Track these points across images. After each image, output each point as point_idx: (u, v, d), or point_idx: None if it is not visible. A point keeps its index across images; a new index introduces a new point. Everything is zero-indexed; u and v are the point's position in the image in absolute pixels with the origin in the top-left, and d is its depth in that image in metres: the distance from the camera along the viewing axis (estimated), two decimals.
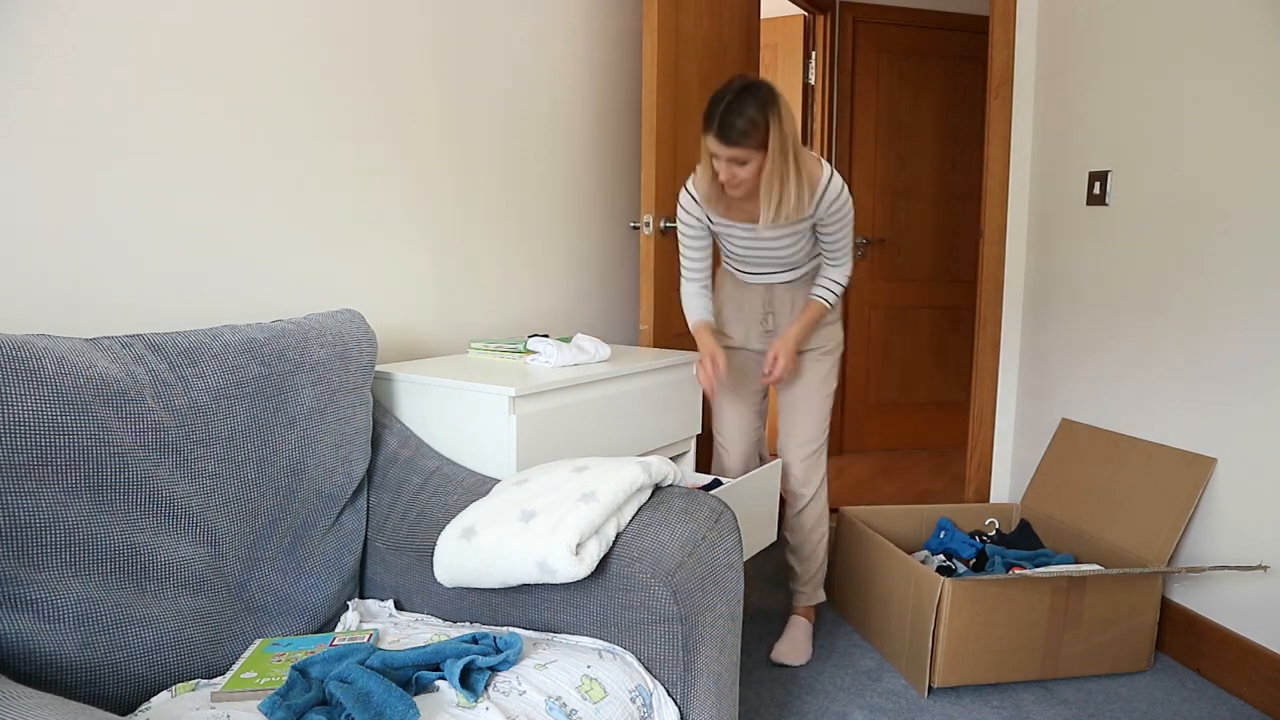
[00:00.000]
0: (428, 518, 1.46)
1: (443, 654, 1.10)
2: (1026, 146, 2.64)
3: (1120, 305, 2.26)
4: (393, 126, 1.94)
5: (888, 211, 4.01)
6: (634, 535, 1.26)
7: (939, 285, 4.14)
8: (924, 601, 1.86)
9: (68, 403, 1.09)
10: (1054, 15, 2.51)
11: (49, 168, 1.35)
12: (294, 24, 1.70)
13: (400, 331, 2.01)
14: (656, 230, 2.46)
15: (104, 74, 1.40)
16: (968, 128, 4.03)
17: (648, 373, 1.95)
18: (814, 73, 3.81)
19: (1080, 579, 1.88)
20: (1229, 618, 1.95)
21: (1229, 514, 1.95)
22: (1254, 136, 1.88)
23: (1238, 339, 1.92)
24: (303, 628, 1.36)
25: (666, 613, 1.20)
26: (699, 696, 1.23)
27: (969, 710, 1.84)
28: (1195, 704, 1.87)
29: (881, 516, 2.39)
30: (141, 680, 1.13)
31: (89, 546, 1.10)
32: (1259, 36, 1.86)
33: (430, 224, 2.06)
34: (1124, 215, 2.25)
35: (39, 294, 1.35)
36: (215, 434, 1.28)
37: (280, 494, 1.36)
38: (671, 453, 2.10)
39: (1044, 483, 2.42)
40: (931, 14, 3.91)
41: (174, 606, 1.18)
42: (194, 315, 1.57)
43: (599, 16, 2.56)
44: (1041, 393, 2.59)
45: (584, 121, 2.55)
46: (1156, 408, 2.15)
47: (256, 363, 1.36)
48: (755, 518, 1.91)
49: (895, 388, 4.17)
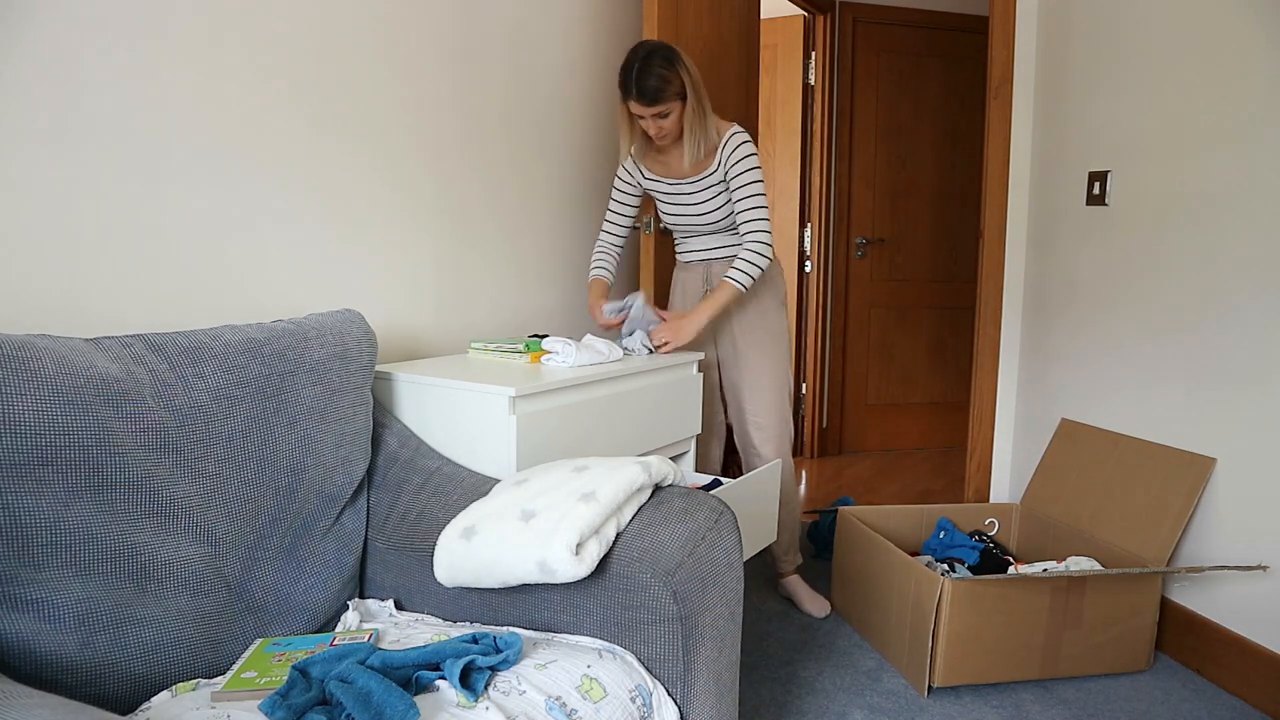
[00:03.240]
0: (428, 518, 1.46)
1: (443, 654, 1.10)
2: (1026, 146, 2.64)
3: (1120, 305, 2.27)
4: (394, 127, 1.94)
5: (888, 211, 4.01)
6: (634, 535, 1.26)
7: (939, 285, 4.14)
8: (924, 601, 1.86)
9: (68, 403, 1.09)
10: (1054, 15, 2.51)
11: (49, 168, 1.35)
12: (295, 24, 1.70)
13: (400, 331, 2.01)
14: (656, 230, 2.46)
15: (104, 73, 1.40)
16: (967, 128, 4.03)
17: (648, 373, 1.95)
18: (814, 73, 3.81)
19: (1080, 579, 1.88)
20: (1229, 618, 1.95)
21: (1229, 514, 1.95)
22: (1254, 137, 1.88)
23: (1238, 339, 1.92)
24: (303, 627, 1.36)
25: (666, 613, 1.20)
26: (699, 696, 1.24)
27: (969, 710, 1.84)
28: (1195, 704, 1.87)
29: (881, 516, 2.39)
30: (142, 680, 1.13)
31: (89, 546, 1.10)
32: (1259, 36, 1.86)
33: (430, 224, 2.06)
34: (1124, 215, 2.25)
35: (39, 294, 1.35)
36: (215, 434, 1.28)
37: (280, 494, 1.36)
38: (671, 453, 2.10)
39: (1044, 483, 2.42)
40: (931, 14, 3.91)
41: (174, 606, 1.18)
42: (194, 315, 1.57)
43: (600, 17, 2.56)
44: (1041, 393, 2.59)
45: (584, 121, 2.55)
46: (1156, 408, 2.15)
47: (256, 363, 1.36)
48: (755, 518, 1.92)
49: (895, 388, 4.17)
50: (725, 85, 2.77)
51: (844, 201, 3.94)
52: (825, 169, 3.88)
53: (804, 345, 4.02)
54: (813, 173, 3.88)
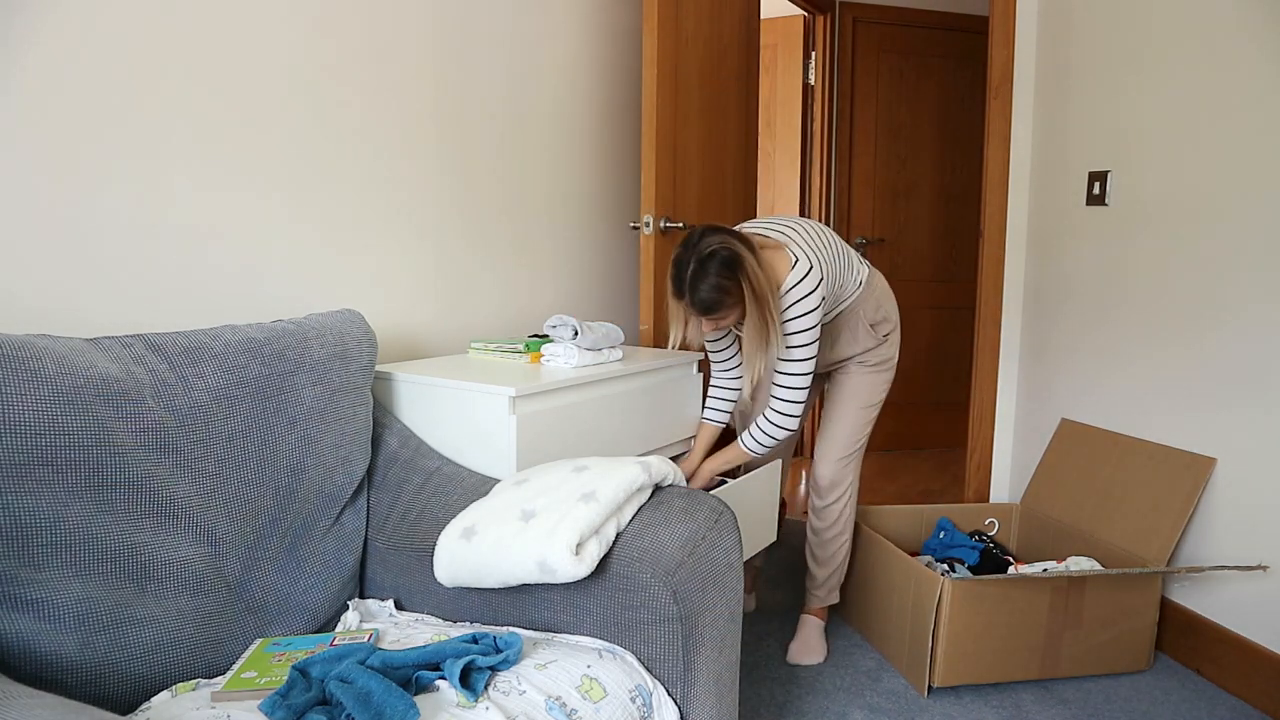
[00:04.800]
0: (428, 518, 1.46)
1: (443, 654, 1.10)
2: (1026, 146, 2.64)
3: (1120, 305, 2.26)
4: (394, 127, 1.94)
5: (888, 211, 4.01)
6: (634, 535, 1.26)
7: (939, 285, 4.14)
8: (924, 601, 1.86)
9: (68, 403, 1.09)
10: (1054, 15, 2.51)
11: (49, 167, 1.35)
12: (295, 24, 1.70)
13: (400, 331, 2.01)
14: (656, 230, 2.46)
15: (104, 72, 1.40)
16: (967, 128, 4.02)
17: (648, 373, 1.95)
18: (814, 73, 3.81)
19: (1080, 579, 1.88)
20: (1229, 618, 1.95)
21: (1229, 514, 1.95)
22: (1254, 136, 1.88)
23: (1237, 339, 1.92)
24: (303, 627, 1.36)
25: (666, 613, 1.20)
26: (699, 696, 1.23)
27: (969, 710, 1.84)
28: (1195, 704, 1.87)
29: (881, 516, 2.39)
30: (142, 680, 1.13)
31: (89, 546, 1.10)
32: (1259, 36, 1.86)
33: (430, 224, 2.06)
34: (1124, 215, 2.25)
35: (39, 294, 1.35)
36: (215, 434, 1.28)
37: (280, 494, 1.36)
38: (672, 453, 2.10)
39: (1044, 483, 2.42)
40: (931, 14, 3.91)
41: (174, 606, 1.18)
42: (194, 315, 1.57)
43: (600, 16, 2.56)
44: (1041, 393, 2.59)
45: (584, 121, 2.55)
46: (1156, 408, 2.15)
47: (256, 363, 1.36)
48: (755, 518, 1.92)
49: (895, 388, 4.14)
50: (725, 85, 2.77)
51: (844, 201, 3.94)
52: (825, 169, 3.88)
53: None
54: (813, 173, 3.87)
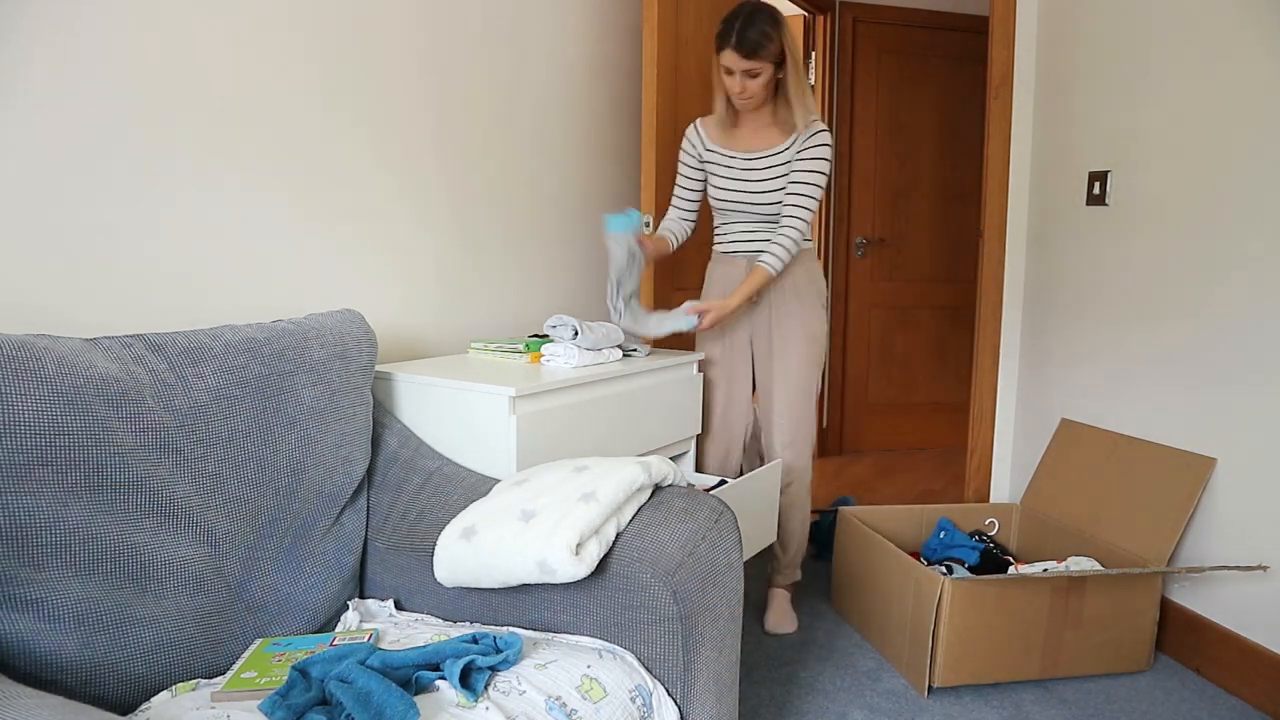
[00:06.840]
0: (428, 518, 1.46)
1: (443, 654, 1.10)
2: (1026, 146, 2.64)
3: (1120, 305, 2.26)
4: (394, 127, 1.94)
5: (888, 211, 4.01)
6: (634, 535, 1.26)
7: (939, 285, 4.14)
8: (924, 601, 1.86)
9: (68, 403, 1.09)
10: (1054, 15, 2.51)
11: (49, 167, 1.35)
12: (296, 25, 1.70)
13: (400, 331, 2.01)
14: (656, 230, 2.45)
15: (105, 72, 1.40)
16: (967, 128, 4.03)
17: (648, 373, 1.95)
18: (814, 73, 3.81)
19: (1080, 579, 1.88)
20: (1229, 618, 1.95)
21: (1229, 514, 1.95)
22: (1254, 136, 1.88)
23: (1237, 339, 1.92)
24: (303, 627, 1.36)
25: (666, 613, 1.20)
26: (699, 696, 1.23)
27: (969, 710, 1.84)
28: (1195, 704, 1.87)
29: (881, 516, 2.39)
30: (141, 680, 1.13)
31: (89, 546, 1.10)
32: (1258, 36, 1.86)
33: (431, 224, 2.06)
34: (1124, 215, 2.25)
35: (39, 294, 1.35)
36: (215, 434, 1.28)
37: (280, 494, 1.36)
38: (672, 453, 2.10)
39: (1044, 483, 2.42)
40: (931, 14, 3.91)
41: (174, 606, 1.18)
42: (194, 315, 1.57)
43: (601, 17, 2.56)
44: (1041, 393, 2.59)
45: (585, 121, 2.55)
46: (1156, 408, 2.15)
47: (256, 363, 1.36)
48: (755, 518, 1.92)
49: (895, 388, 4.17)
50: None
51: (844, 201, 3.94)
52: None
53: None
54: None
